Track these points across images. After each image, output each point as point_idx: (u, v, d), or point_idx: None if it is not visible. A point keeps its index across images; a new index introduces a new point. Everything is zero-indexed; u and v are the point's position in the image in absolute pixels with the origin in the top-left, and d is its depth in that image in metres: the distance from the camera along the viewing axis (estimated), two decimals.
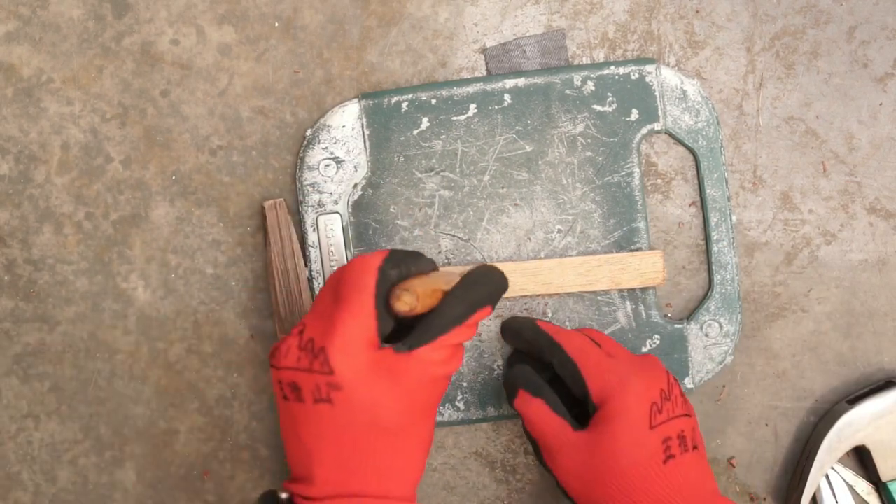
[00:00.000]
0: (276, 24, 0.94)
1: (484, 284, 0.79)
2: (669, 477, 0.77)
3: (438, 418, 0.93)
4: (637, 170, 0.93)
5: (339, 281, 0.76)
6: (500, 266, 0.89)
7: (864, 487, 0.95)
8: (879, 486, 0.93)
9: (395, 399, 0.73)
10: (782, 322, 0.95)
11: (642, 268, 0.91)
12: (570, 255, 0.93)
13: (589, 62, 0.94)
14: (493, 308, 0.79)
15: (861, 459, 0.95)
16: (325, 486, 0.73)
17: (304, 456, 0.74)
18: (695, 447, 0.79)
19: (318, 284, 0.93)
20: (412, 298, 0.73)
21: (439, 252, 0.93)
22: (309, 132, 0.93)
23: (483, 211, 0.93)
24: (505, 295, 0.84)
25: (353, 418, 0.72)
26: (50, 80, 0.94)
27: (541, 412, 0.81)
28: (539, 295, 0.93)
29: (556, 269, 0.91)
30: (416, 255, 0.79)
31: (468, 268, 0.82)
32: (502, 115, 0.93)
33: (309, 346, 0.73)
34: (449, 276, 0.81)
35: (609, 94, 0.92)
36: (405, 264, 0.77)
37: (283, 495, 0.75)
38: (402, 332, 0.78)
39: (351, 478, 0.73)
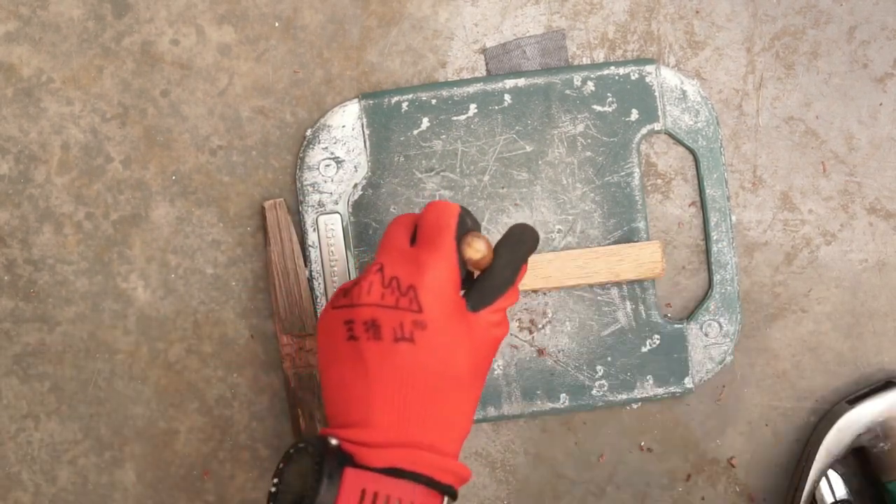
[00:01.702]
0: (276, 24, 0.94)
1: (524, 243, 0.77)
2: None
3: None
4: (637, 170, 0.93)
5: (412, 225, 0.76)
6: None
7: (864, 488, 0.95)
8: (879, 487, 0.93)
9: (468, 348, 0.72)
10: (782, 322, 0.95)
11: (641, 258, 0.91)
12: None
13: (589, 62, 0.94)
14: (526, 266, 0.78)
15: (861, 459, 0.95)
16: (386, 432, 0.71)
17: (363, 398, 0.71)
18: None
19: (318, 284, 0.93)
20: (485, 247, 0.72)
21: None
22: (309, 132, 0.93)
23: (483, 211, 0.93)
24: None
25: (430, 360, 0.71)
26: (50, 80, 0.94)
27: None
28: (538, 289, 0.93)
29: (555, 261, 0.91)
30: (470, 213, 0.78)
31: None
32: (502, 115, 0.93)
33: (394, 284, 0.72)
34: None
35: (609, 94, 0.93)
36: (472, 217, 0.76)
37: (333, 441, 0.71)
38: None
39: (412, 425, 0.71)
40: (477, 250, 0.72)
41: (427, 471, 0.70)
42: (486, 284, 0.75)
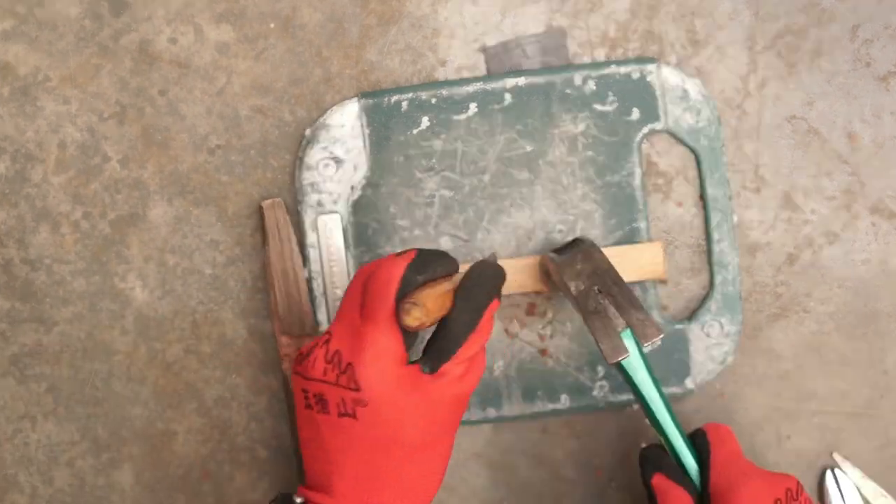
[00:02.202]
0: (275, 23, 0.94)
1: (482, 284, 0.78)
2: None
3: None
4: (638, 169, 0.92)
5: (364, 289, 0.76)
6: (501, 263, 0.89)
7: (872, 490, 0.94)
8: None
9: (419, 416, 0.73)
10: (784, 322, 0.95)
11: (642, 260, 0.91)
12: None
13: (589, 61, 0.94)
14: (499, 300, 0.79)
15: None
16: (344, 498, 0.73)
17: (324, 466, 0.74)
18: None
19: (318, 285, 0.93)
20: (421, 313, 0.72)
21: None
22: (308, 131, 0.93)
23: (483, 211, 0.92)
24: (505, 292, 0.84)
25: (376, 434, 0.72)
26: (47, 78, 0.93)
27: (680, 499, 0.80)
28: (539, 292, 0.92)
29: None
30: (442, 255, 0.78)
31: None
32: (503, 114, 0.92)
33: (336, 360, 0.73)
34: (455, 275, 0.80)
35: (610, 93, 0.92)
36: (431, 267, 0.76)
37: (298, 500, 0.74)
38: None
39: (370, 493, 0.73)
40: (415, 318, 0.72)
41: None
42: (442, 340, 0.76)
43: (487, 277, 0.78)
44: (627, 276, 0.90)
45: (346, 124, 0.92)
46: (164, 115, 0.94)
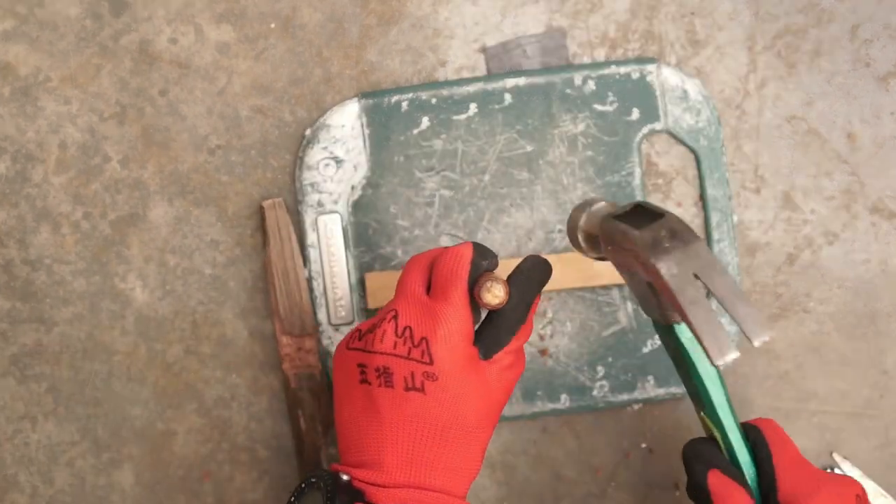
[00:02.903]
0: (275, 23, 0.94)
1: (535, 279, 0.78)
2: None
3: None
4: (638, 169, 0.92)
5: (428, 271, 0.77)
6: (501, 263, 0.89)
7: (872, 489, 0.94)
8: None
9: (478, 398, 0.74)
10: (784, 322, 0.95)
11: None
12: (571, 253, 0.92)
13: (589, 61, 0.94)
14: (539, 297, 0.79)
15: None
16: (395, 473, 0.73)
17: (376, 441, 0.73)
18: None
19: (318, 285, 0.93)
20: (503, 291, 0.73)
21: None
22: (308, 131, 0.93)
23: (483, 211, 0.93)
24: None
25: (438, 412, 0.73)
26: (47, 78, 0.93)
27: (743, 500, 0.75)
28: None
29: (557, 264, 0.90)
30: (488, 249, 0.78)
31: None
32: (503, 114, 0.92)
33: (407, 334, 0.74)
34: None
35: (610, 93, 0.92)
36: (489, 256, 0.77)
37: (345, 477, 0.73)
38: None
39: (422, 470, 0.73)
40: (495, 296, 0.73)
41: None
42: (497, 328, 0.76)
43: (540, 272, 0.78)
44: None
45: (346, 124, 0.92)
46: (164, 115, 0.94)
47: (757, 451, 0.76)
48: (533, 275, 0.78)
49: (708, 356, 0.66)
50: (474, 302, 0.75)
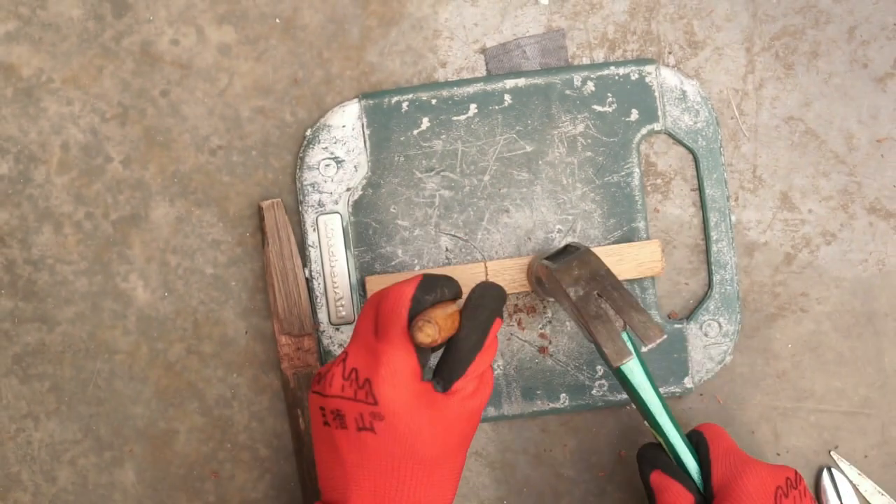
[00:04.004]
0: (276, 24, 0.94)
1: (485, 304, 0.80)
2: None
3: None
4: (637, 170, 0.93)
5: (376, 311, 0.78)
6: (499, 263, 0.90)
7: (869, 487, 0.95)
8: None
9: (434, 432, 0.75)
10: (782, 322, 0.95)
11: (640, 258, 0.91)
12: None
13: (589, 62, 0.94)
14: (501, 318, 0.81)
15: None
16: None
17: (341, 480, 0.75)
18: None
19: (318, 285, 0.93)
20: (434, 330, 0.74)
21: (440, 252, 0.93)
22: (309, 132, 0.93)
23: (483, 211, 0.93)
24: (509, 291, 0.85)
25: (393, 448, 0.74)
26: (50, 79, 0.94)
27: (680, 494, 0.82)
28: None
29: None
30: (446, 278, 0.80)
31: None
32: (502, 115, 0.93)
33: (353, 377, 0.75)
34: (459, 298, 0.82)
35: (609, 94, 0.93)
36: (438, 288, 0.79)
37: None
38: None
39: None
40: (427, 335, 0.73)
41: None
42: (452, 359, 0.77)
43: (490, 298, 0.80)
44: (628, 273, 0.91)
45: (346, 125, 0.92)
46: (165, 116, 0.94)
47: (698, 449, 0.83)
48: (483, 301, 0.80)
49: (606, 360, 0.80)
50: None
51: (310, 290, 0.93)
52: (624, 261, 0.91)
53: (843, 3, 0.95)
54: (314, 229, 0.93)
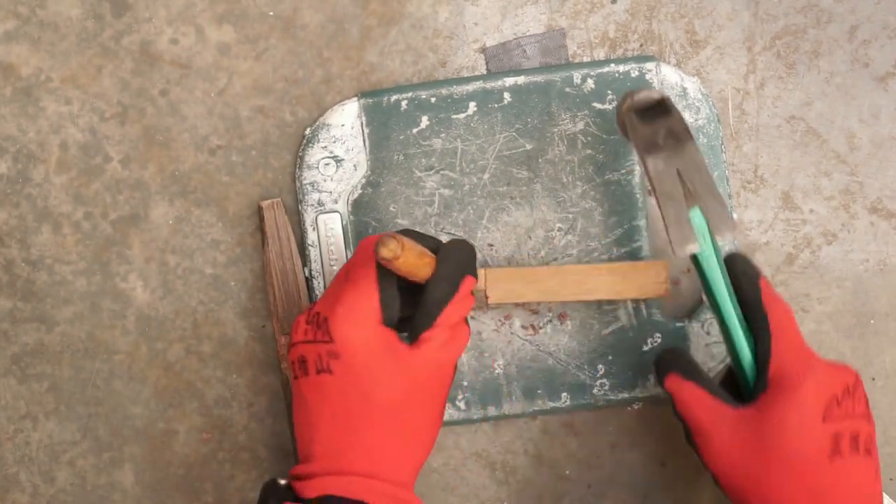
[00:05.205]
0: (276, 24, 0.94)
1: (457, 258, 0.79)
2: (832, 474, 0.75)
3: None
4: (637, 168, 0.92)
5: (349, 262, 0.78)
6: (499, 271, 0.89)
7: None
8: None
9: (393, 376, 0.74)
10: None
11: (645, 280, 0.90)
12: (571, 254, 0.92)
13: (589, 61, 0.94)
14: (475, 277, 0.80)
15: None
16: (321, 462, 0.73)
17: (308, 432, 0.75)
18: (867, 452, 0.76)
19: (318, 284, 0.93)
20: (397, 246, 0.72)
21: None
22: (308, 131, 0.93)
23: (483, 209, 0.93)
24: (504, 301, 0.87)
25: (349, 389, 0.73)
26: (48, 79, 0.94)
27: (695, 394, 0.79)
28: (539, 302, 0.92)
29: (556, 276, 0.90)
30: (421, 233, 0.80)
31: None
32: (502, 113, 0.92)
33: (314, 319, 0.75)
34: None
35: (609, 91, 0.92)
36: (414, 235, 0.79)
37: (282, 482, 0.75)
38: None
39: (344, 454, 0.73)
40: (390, 249, 0.72)
41: (363, 496, 0.72)
42: (420, 309, 0.77)
43: (462, 251, 0.80)
44: (628, 294, 0.90)
45: (346, 123, 0.92)
46: (165, 115, 0.94)
47: (758, 335, 0.79)
48: (456, 254, 0.79)
49: (671, 245, 0.77)
50: (398, 288, 0.76)
51: (310, 289, 0.93)
52: (627, 282, 0.90)
53: (845, 3, 0.95)
54: (314, 229, 0.93)
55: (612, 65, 0.93)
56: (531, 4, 0.94)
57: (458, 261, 0.79)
